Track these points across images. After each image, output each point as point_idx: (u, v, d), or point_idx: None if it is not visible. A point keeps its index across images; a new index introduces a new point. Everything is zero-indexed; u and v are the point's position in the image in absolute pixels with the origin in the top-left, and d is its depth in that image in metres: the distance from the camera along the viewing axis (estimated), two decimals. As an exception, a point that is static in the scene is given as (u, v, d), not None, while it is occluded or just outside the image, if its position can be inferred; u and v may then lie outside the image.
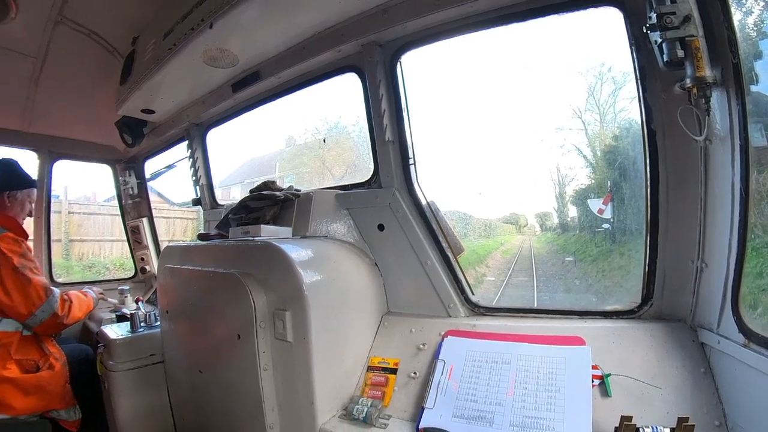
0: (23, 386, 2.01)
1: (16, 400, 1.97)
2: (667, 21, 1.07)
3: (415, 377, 1.49)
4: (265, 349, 1.41)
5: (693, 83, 1.09)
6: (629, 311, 1.43)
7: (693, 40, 1.07)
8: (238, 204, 1.85)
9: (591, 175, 2.98)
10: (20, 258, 2.08)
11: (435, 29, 1.61)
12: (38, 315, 2.06)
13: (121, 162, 3.46)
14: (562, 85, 2.46)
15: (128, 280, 3.50)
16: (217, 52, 1.84)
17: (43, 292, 2.08)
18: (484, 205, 3.29)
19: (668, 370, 1.23)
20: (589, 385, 1.24)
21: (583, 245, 3.18)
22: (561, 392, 1.26)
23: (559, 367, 1.32)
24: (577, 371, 1.29)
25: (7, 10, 2.08)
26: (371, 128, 1.77)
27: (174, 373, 1.99)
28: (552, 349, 1.38)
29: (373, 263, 1.79)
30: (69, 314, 2.18)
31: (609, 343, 1.34)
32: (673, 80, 1.17)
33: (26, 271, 2.06)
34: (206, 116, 2.53)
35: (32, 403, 2.02)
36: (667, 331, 1.31)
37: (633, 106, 1.31)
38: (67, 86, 2.72)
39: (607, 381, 1.24)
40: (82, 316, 2.30)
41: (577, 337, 1.38)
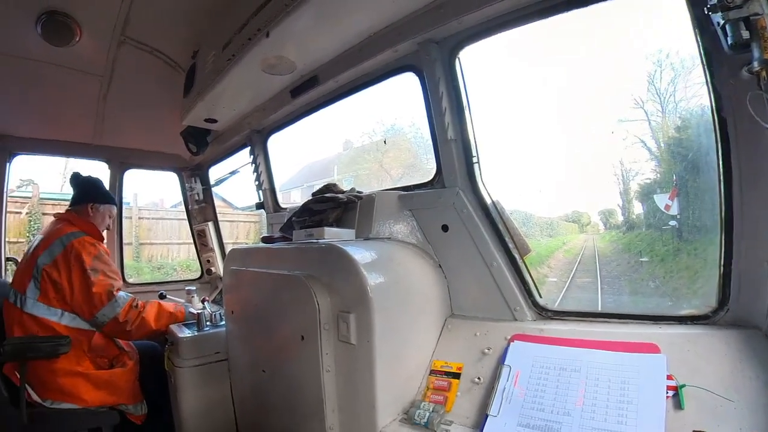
0: (95, 381, 2.16)
1: (87, 392, 2.12)
2: (729, 0, 0.96)
3: (479, 383, 1.43)
4: (328, 351, 1.42)
5: (761, 66, 0.97)
6: (704, 316, 1.30)
7: (758, 19, 0.95)
8: (301, 207, 1.88)
9: (656, 169, 2.76)
10: (94, 260, 2.22)
11: (491, 22, 1.55)
12: (99, 318, 2.18)
13: (187, 169, 3.65)
14: (623, 73, 2.30)
15: (195, 281, 3.66)
16: (275, 59, 1.88)
17: (105, 296, 2.17)
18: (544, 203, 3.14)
19: (741, 381, 1.10)
20: (663, 397, 1.14)
21: (649, 244, 2.94)
22: (633, 403, 1.16)
23: (631, 376, 1.22)
24: (650, 381, 1.18)
25: (72, 35, 2.25)
26: (432, 127, 1.73)
27: (237, 371, 2.05)
28: (624, 356, 1.27)
29: (437, 265, 1.75)
30: (136, 322, 2.24)
31: (684, 351, 1.21)
32: (741, 64, 1.05)
33: (97, 274, 2.19)
34: (267, 122, 2.60)
35: (102, 396, 2.16)
36: (741, 339, 1.18)
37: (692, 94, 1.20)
38: (134, 101, 2.91)
39: (681, 392, 1.13)
40: (158, 327, 2.34)
41: (651, 344, 1.26)
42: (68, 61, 2.48)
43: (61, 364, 2.10)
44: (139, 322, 2.26)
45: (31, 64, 2.45)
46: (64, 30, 2.22)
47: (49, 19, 2.16)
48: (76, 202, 2.53)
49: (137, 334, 2.29)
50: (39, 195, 6.91)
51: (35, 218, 6.55)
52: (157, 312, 2.35)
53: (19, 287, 2.17)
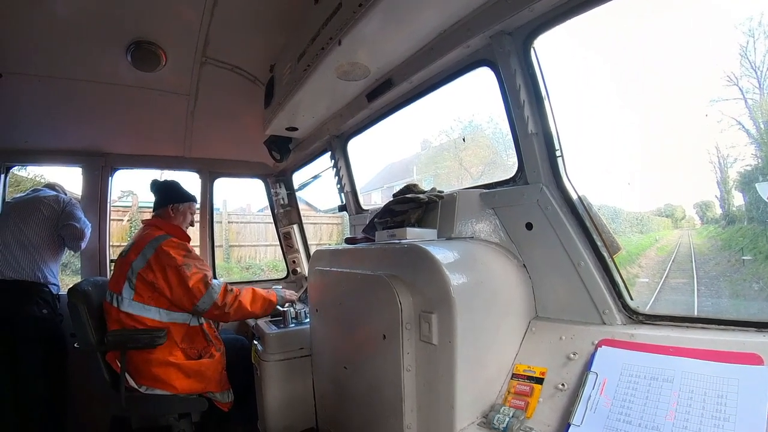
0: (185, 370, 2.35)
1: (178, 381, 2.32)
2: None
3: (562, 389, 1.36)
4: (410, 351, 1.43)
5: None
6: None
7: None
8: (383, 208, 1.90)
9: (757, 153, 2.40)
10: (184, 257, 2.42)
11: (564, 6, 1.45)
12: (200, 306, 2.36)
13: (272, 176, 3.92)
14: (711, 48, 2.04)
15: (281, 281, 3.91)
16: (349, 66, 1.93)
17: (202, 285, 2.35)
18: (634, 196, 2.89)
19: None
20: (764, 415, 1.00)
21: (752, 240, 2.57)
22: (730, 421, 1.04)
23: (730, 389, 1.09)
24: (751, 397, 1.05)
25: (158, 61, 2.52)
26: (511, 122, 1.66)
27: (319, 367, 2.13)
28: (723, 367, 1.14)
29: (521, 264, 1.68)
30: (233, 305, 2.40)
31: None
32: None
33: (190, 268, 2.38)
34: (345, 127, 2.67)
35: (191, 384, 2.35)
36: None
37: None
38: (219, 115, 3.19)
39: None
40: (254, 310, 2.50)
41: (753, 354, 1.12)
42: (157, 84, 2.79)
43: (156, 355, 2.33)
44: (236, 305, 2.42)
45: (125, 89, 2.80)
46: (151, 57, 2.51)
47: (137, 48, 2.45)
48: (158, 206, 2.77)
49: (235, 315, 2.46)
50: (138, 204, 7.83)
51: (135, 225, 7.43)
52: (252, 296, 2.51)
53: (115, 288, 2.42)
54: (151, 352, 2.32)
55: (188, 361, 2.41)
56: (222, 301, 2.38)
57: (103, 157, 3.39)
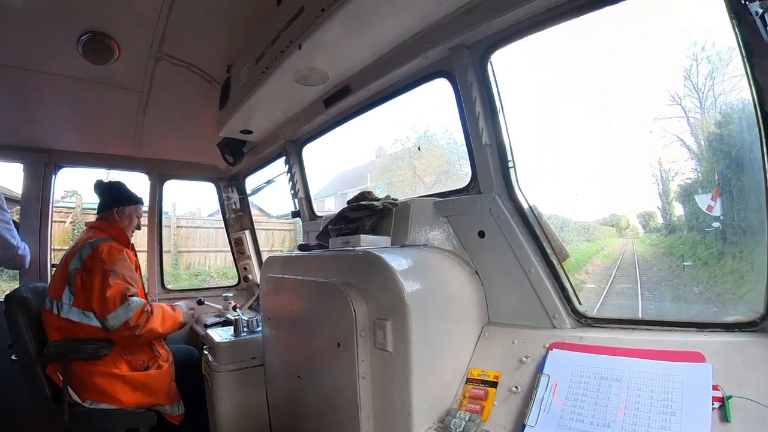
0: (131, 382, 2.22)
1: (124, 394, 2.19)
2: None
3: (516, 392, 1.40)
4: (365, 358, 1.41)
5: None
6: (751, 323, 1.22)
7: None
8: (337, 215, 1.89)
9: (697, 168, 2.63)
10: (117, 263, 2.26)
11: (522, 24, 1.52)
12: (110, 321, 2.15)
13: (224, 179, 3.78)
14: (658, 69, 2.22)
15: (232, 288, 3.79)
16: (307, 70, 1.91)
17: (119, 299, 2.16)
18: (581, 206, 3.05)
19: None
20: (708, 409, 1.08)
21: (691, 247, 2.80)
22: (677, 415, 1.10)
23: (675, 386, 1.16)
24: (695, 392, 1.12)
25: (111, 54, 2.37)
26: (466, 133, 1.71)
27: (273, 377, 2.07)
28: (668, 365, 1.22)
29: (473, 272, 1.72)
30: (144, 326, 2.21)
31: (730, 360, 1.15)
32: None
33: (116, 277, 2.21)
34: (301, 132, 2.64)
35: (139, 397, 2.23)
36: None
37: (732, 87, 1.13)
38: (171, 114, 3.04)
39: (727, 404, 1.07)
40: (163, 331, 2.33)
41: (695, 352, 1.20)
42: (108, 79, 2.62)
43: (99, 366, 2.18)
44: (149, 326, 2.24)
45: (74, 82, 2.61)
46: (103, 49, 2.35)
47: (90, 39, 2.29)
48: (102, 209, 2.62)
49: (146, 338, 2.29)
50: (82, 205, 7.31)
51: (78, 227, 6.94)
52: (162, 316, 2.35)
53: (55, 293, 2.26)
54: (95, 363, 2.18)
55: (134, 372, 2.27)
56: (135, 321, 2.19)
57: (47, 153, 3.16)
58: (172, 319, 2.40)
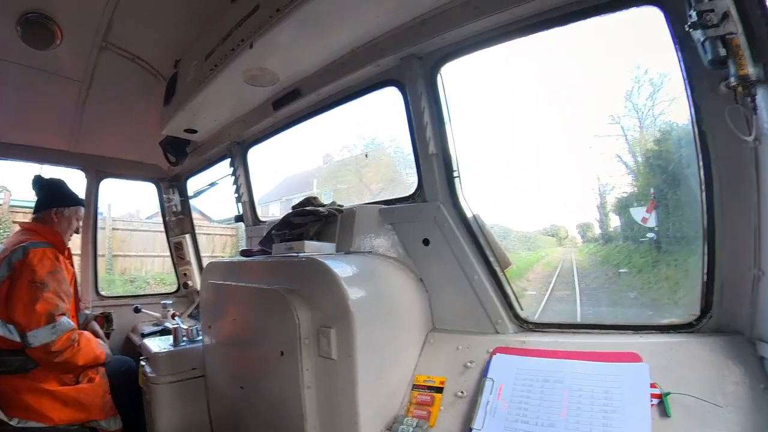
0: (62, 398, 2.06)
1: (54, 411, 2.02)
2: (707, 19, 1.02)
3: (462, 396, 1.43)
4: (309, 367, 1.39)
5: (737, 82, 1.03)
6: (687, 325, 1.33)
7: (733, 37, 1.01)
8: (282, 220, 1.86)
9: (633, 183, 2.86)
10: (48, 274, 2.07)
11: (474, 39, 1.59)
12: (29, 338, 1.95)
13: (165, 180, 3.59)
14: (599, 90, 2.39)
15: (171, 295, 3.57)
16: (258, 71, 1.88)
17: (45, 317, 1.97)
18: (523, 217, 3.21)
19: (728, 386, 1.13)
20: (647, 405, 1.16)
21: (627, 256, 3.03)
22: (618, 412, 1.17)
23: (614, 385, 1.23)
24: (634, 390, 1.20)
25: (52, 38, 2.19)
26: (414, 142, 1.74)
27: (215, 388, 1.99)
28: (606, 366, 1.29)
29: (418, 279, 1.75)
30: (65, 355, 2.02)
31: (666, 360, 1.24)
32: (719, 79, 1.10)
33: (47, 290, 2.02)
34: (248, 134, 2.58)
35: (71, 414, 2.07)
36: (725, 345, 1.21)
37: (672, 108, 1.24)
38: (113, 108, 2.85)
39: (666, 400, 1.15)
40: (81, 364, 2.13)
41: (632, 353, 1.28)
42: (47, 65, 2.41)
43: (26, 381, 1.99)
44: (68, 356, 2.04)
45: (9, 66, 2.38)
46: (44, 33, 2.16)
47: (30, 20, 2.09)
48: (40, 208, 2.39)
49: (62, 368, 2.08)
50: (9, 202, 6.63)
51: (5, 226, 6.28)
52: (88, 348, 2.16)
53: None
54: (22, 378, 1.99)
55: (64, 387, 2.09)
56: (58, 347, 1.99)
57: (-29, 142, 2.85)
58: (93, 357, 2.19)
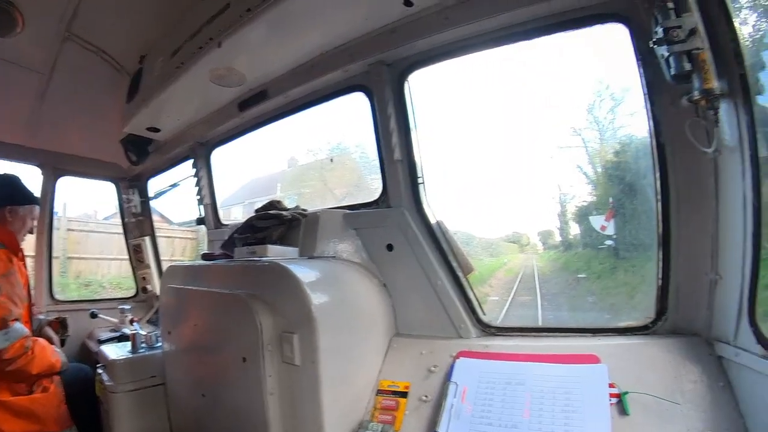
0: (14, 409, 1.95)
1: (5, 423, 1.92)
2: (674, 35, 1.08)
3: (426, 400, 1.45)
4: (272, 373, 1.37)
5: (701, 95, 1.09)
6: (643, 327, 1.40)
7: (699, 52, 1.07)
8: (244, 223, 1.84)
9: (593, 192, 2.99)
10: (1, 278, 1.97)
11: (442, 48, 1.63)
12: None
13: (125, 180, 3.45)
14: (563, 102, 2.48)
15: (129, 300, 3.43)
16: (225, 70, 1.85)
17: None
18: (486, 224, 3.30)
19: (686, 385, 1.19)
20: (606, 404, 1.21)
21: (587, 262, 3.17)
22: (578, 412, 1.23)
23: (574, 386, 1.29)
24: (593, 390, 1.25)
25: (14, 24, 2.08)
26: (379, 148, 1.77)
27: (175, 396, 1.93)
28: (566, 368, 1.35)
29: (381, 284, 1.77)
30: (18, 363, 1.92)
31: (624, 360, 1.30)
32: (680, 93, 1.17)
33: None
34: (212, 135, 2.53)
35: (23, 425, 1.97)
36: (682, 346, 1.28)
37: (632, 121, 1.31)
38: (74, 102, 2.73)
39: (624, 399, 1.21)
40: (35, 373, 2.04)
41: (591, 355, 1.34)
42: (6, 53, 2.28)
43: None
44: (22, 365, 1.95)
45: None
46: (5, 18, 2.04)
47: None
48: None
49: (14, 377, 1.98)
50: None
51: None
52: (43, 356, 2.06)
53: None
54: None
55: (17, 397, 1.98)
56: (10, 354, 1.89)
57: None
58: (48, 365, 2.09)
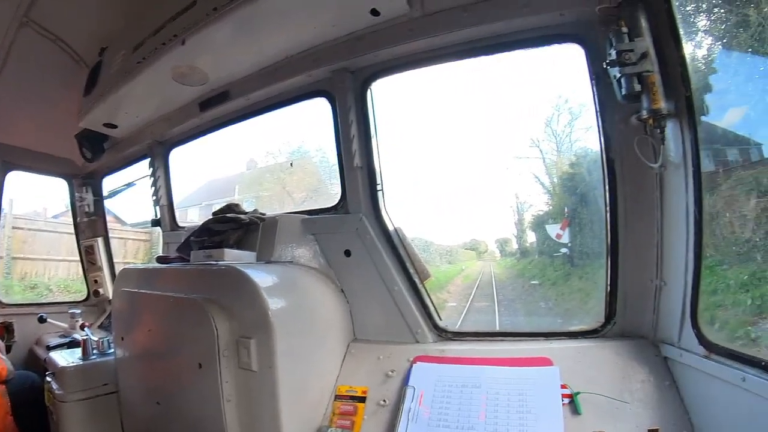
0: None
1: None
2: (626, 58, 1.16)
3: (384, 405, 1.47)
4: (229, 379, 1.36)
5: (649, 115, 1.17)
6: (593, 331, 1.49)
7: (649, 75, 1.15)
8: (201, 226, 1.80)
9: (549, 202, 3.14)
10: None
11: (406, 58, 1.67)
12: None
13: (79, 177, 3.28)
14: (522, 115, 2.59)
15: (80, 303, 3.26)
16: (188, 69, 1.82)
17: None
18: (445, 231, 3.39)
19: (635, 385, 1.28)
20: (559, 405, 1.28)
21: (542, 269, 3.31)
22: (532, 413, 1.29)
23: (528, 388, 1.35)
24: (546, 391, 1.32)
25: None
26: (339, 154, 1.78)
27: (129, 405, 1.87)
28: (520, 371, 1.41)
29: (339, 289, 1.78)
30: None
31: (575, 363, 1.38)
32: (630, 112, 1.26)
33: None
34: (171, 134, 2.47)
35: None
36: (630, 348, 1.37)
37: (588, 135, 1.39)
38: (28, 93, 2.60)
39: (576, 399, 1.27)
40: None
41: (544, 357, 1.41)
42: None
43: None
44: None
45: None
46: None
47: None
48: None
49: None
50: None
51: None
52: None
53: None
54: None
55: None
56: None
57: None
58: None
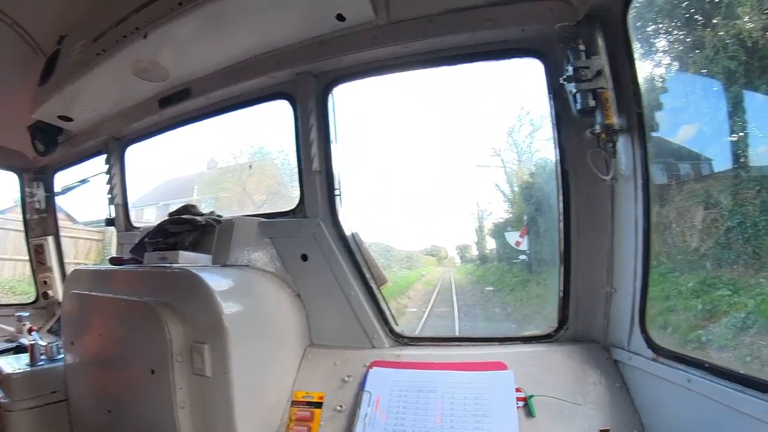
0: None
1: None
2: (582, 74, 1.22)
3: (341, 410, 1.49)
4: (182, 385, 1.33)
5: (602, 129, 1.24)
6: (547, 335, 1.55)
7: (603, 91, 1.22)
8: (156, 227, 1.76)
9: (509, 210, 3.25)
10: None
11: (369, 65, 1.70)
12: None
13: (30, 171, 3.11)
14: (484, 125, 2.67)
15: (28, 306, 3.09)
16: (149, 63, 1.78)
17: None
18: (405, 237, 3.46)
19: (587, 387, 1.34)
20: (514, 408, 1.33)
21: (501, 275, 3.43)
22: (488, 416, 1.33)
23: (483, 392, 1.40)
24: (501, 395, 1.37)
25: None
26: (299, 157, 1.79)
27: (79, 413, 1.81)
28: (476, 375, 1.46)
29: (295, 294, 1.78)
30: None
31: (530, 366, 1.43)
32: (585, 126, 1.32)
33: None
34: (128, 130, 2.40)
35: None
36: (583, 352, 1.44)
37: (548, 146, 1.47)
38: (-24, 78, 2.46)
39: (530, 402, 1.33)
40: None
41: (499, 362, 1.46)
42: None
43: None
44: None
45: None
46: None
47: None
48: None
49: None
50: None
51: None
52: None
53: None
54: None
55: None
56: None
57: None
58: None
